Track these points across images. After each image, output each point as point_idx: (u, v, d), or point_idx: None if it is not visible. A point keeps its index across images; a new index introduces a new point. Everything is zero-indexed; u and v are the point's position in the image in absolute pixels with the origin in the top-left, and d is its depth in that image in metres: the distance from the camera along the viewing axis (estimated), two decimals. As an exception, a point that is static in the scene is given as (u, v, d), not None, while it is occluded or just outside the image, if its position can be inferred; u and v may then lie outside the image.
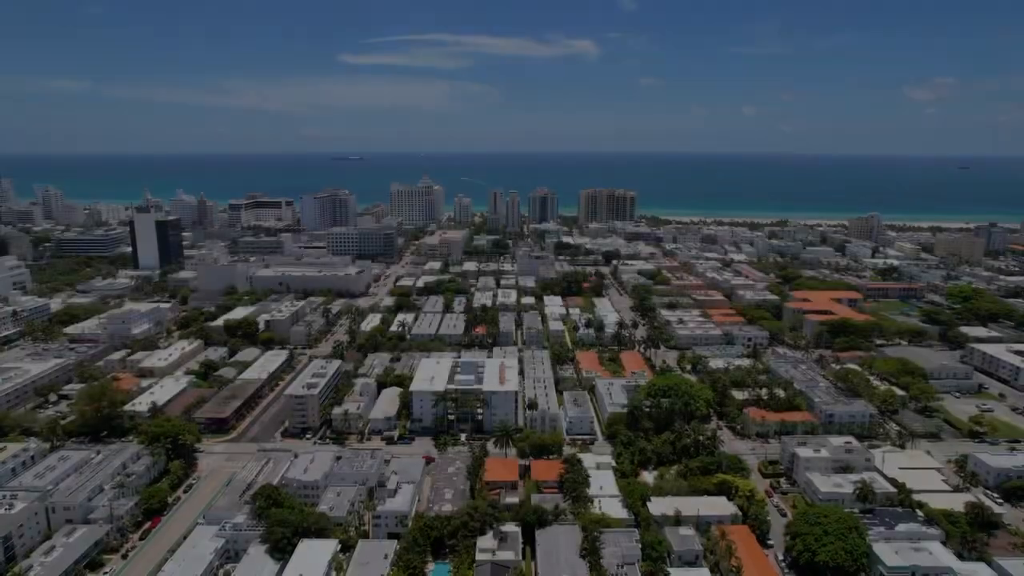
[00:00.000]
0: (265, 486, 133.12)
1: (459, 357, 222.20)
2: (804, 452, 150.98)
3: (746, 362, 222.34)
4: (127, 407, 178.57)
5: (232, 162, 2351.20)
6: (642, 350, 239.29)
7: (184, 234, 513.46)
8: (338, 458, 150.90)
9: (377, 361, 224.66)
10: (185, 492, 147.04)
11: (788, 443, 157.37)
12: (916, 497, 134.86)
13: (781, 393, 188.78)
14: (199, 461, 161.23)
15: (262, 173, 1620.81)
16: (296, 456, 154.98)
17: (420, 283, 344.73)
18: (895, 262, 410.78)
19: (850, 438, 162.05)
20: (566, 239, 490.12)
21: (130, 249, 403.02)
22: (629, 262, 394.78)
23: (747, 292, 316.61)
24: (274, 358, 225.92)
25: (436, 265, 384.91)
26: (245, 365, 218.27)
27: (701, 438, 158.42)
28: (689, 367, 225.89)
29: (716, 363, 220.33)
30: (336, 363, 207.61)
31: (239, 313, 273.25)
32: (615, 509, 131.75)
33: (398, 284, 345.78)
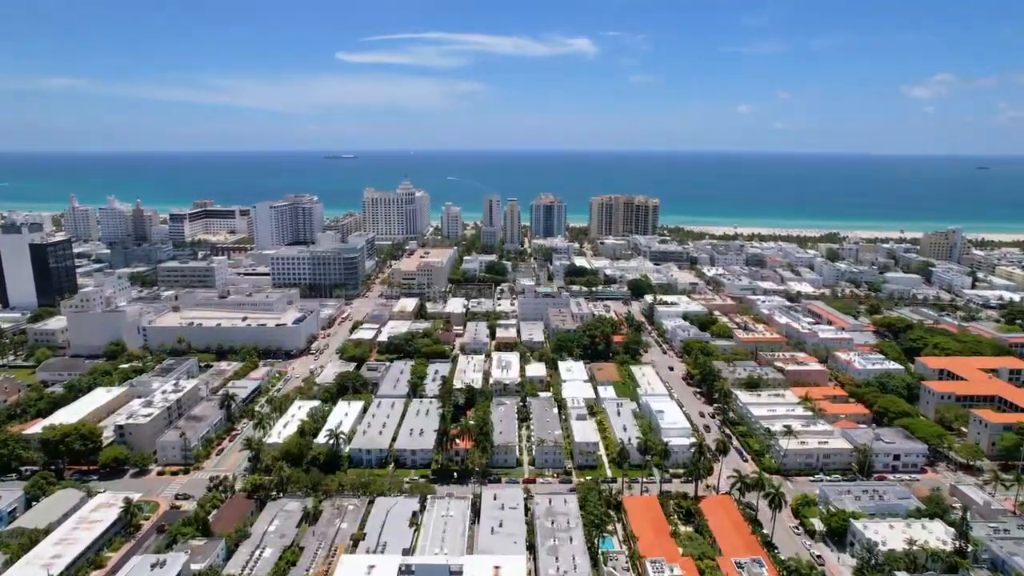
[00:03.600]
0: None
1: (422, 510, 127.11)
2: None
3: (930, 531, 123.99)
4: None
5: (223, 161, 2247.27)
6: (737, 493, 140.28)
7: (103, 252, 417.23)
8: None
9: (275, 525, 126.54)
10: None
11: None
12: None
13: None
14: None
15: (248, 173, 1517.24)
16: None
17: (384, 335, 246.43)
18: (1014, 296, 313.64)
19: None
20: (578, 260, 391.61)
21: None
22: (668, 299, 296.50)
23: (852, 356, 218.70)
24: (94, 518, 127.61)
25: (410, 305, 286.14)
26: (26, 543, 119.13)
27: None
28: (823, 530, 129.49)
29: (878, 533, 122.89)
30: (181, 560, 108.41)
31: (83, 407, 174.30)
32: None
33: (353, 337, 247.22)
